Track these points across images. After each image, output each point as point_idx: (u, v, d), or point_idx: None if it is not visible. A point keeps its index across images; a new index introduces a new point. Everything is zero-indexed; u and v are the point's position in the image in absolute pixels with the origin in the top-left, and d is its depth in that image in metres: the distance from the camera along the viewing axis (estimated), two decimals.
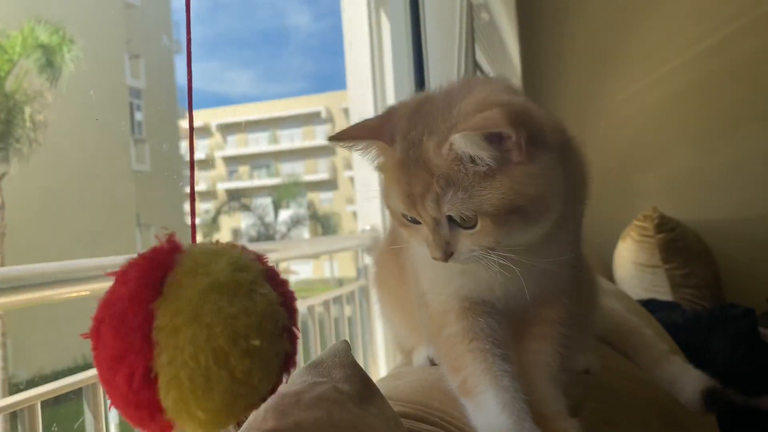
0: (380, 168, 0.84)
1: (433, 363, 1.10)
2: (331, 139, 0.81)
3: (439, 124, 0.77)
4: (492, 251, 0.76)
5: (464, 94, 0.80)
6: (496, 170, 0.73)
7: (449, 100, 0.80)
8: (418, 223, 0.80)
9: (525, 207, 0.74)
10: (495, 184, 0.73)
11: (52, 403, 1.05)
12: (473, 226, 0.76)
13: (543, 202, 0.76)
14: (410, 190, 0.77)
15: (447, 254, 0.78)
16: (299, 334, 0.57)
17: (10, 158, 8.96)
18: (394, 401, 0.86)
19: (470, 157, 0.73)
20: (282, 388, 0.66)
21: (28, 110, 8.95)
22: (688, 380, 1.25)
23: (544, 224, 0.78)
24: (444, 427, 0.82)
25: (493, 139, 0.72)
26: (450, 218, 0.76)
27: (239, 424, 0.57)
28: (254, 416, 0.61)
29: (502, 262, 0.77)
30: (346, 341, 0.77)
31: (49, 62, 8.92)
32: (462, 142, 0.72)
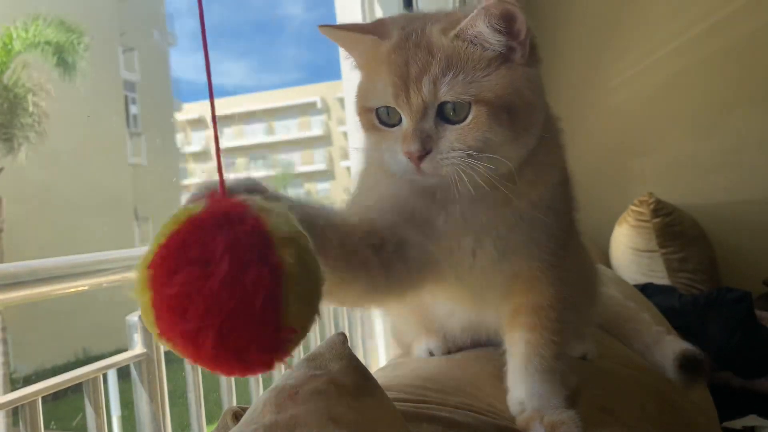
0: (363, 65, 0.84)
1: (432, 354, 1.11)
2: (324, 26, 0.81)
3: (441, 18, 0.79)
4: (472, 158, 0.74)
5: None
6: (500, 62, 0.75)
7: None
8: (393, 126, 0.79)
9: (518, 109, 0.76)
10: (499, 73, 0.75)
11: (50, 399, 1.06)
12: (463, 119, 0.75)
13: (533, 111, 0.78)
14: (405, 71, 0.76)
15: (424, 149, 0.75)
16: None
17: (6, 153, 8.94)
18: (393, 391, 0.86)
19: (481, 38, 0.75)
20: (279, 381, 0.66)
21: (29, 100, 8.91)
22: (668, 348, 1.26)
23: (526, 140, 0.79)
24: (441, 409, 0.83)
25: (505, 29, 0.75)
26: (439, 110, 0.76)
27: (237, 418, 0.58)
28: (252, 410, 0.62)
29: (477, 171, 0.74)
30: (343, 333, 0.77)
31: (61, 58, 8.87)
32: (481, 19, 0.74)
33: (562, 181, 0.89)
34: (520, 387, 0.86)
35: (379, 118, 0.80)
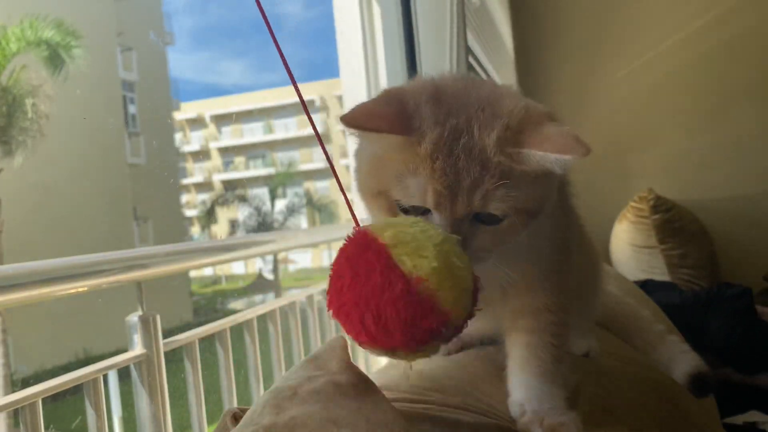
0: (382, 155, 0.78)
1: None
2: (346, 122, 0.75)
3: (488, 119, 0.74)
4: (498, 253, 0.76)
5: (488, 90, 0.79)
6: (544, 172, 0.74)
7: (478, 94, 0.77)
8: (420, 214, 0.76)
9: (538, 211, 0.77)
10: (541, 184, 0.75)
11: (50, 400, 1.06)
12: (495, 224, 0.74)
13: (545, 205, 0.78)
14: (454, 182, 0.72)
15: None
16: None
17: (4, 155, 8.94)
18: (392, 391, 0.86)
19: (540, 163, 0.72)
20: (279, 383, 0.66)
21: (29, 102, 8.90)
22: (680, 362, 1.26)
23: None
24: (442, 410, 0.82)
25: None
26: (476, 214, 0.75)
27: (236, 419, 0.58)
28: (252, 411, 0.62)
29: (498, 263, 0.77)
30: (342, 337, 0.76)
31: (53, 58, 8.86)
32: (543, 157, 0.72)
33: (560, 188, 0.89)
34: (520, 390, 0.85)
35: (401, 206, 0.77)
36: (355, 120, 0.75)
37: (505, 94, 0.78)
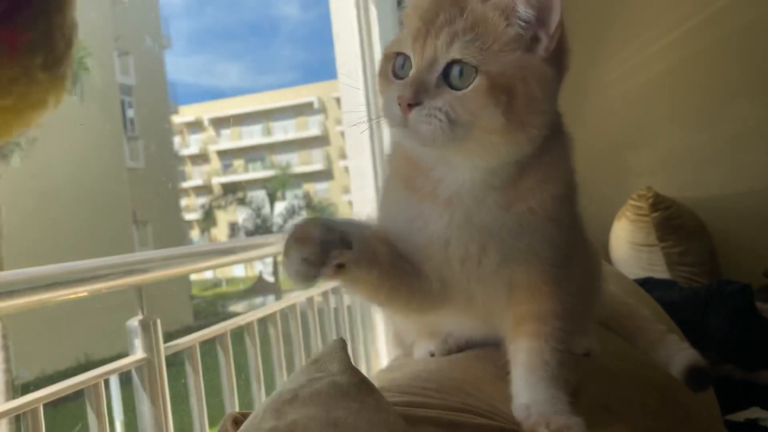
0: (407, 16, 0.84)
1: (433, 355, 1.10)
2: None
3: None
4: (455, 126, 0.76)
5: None
6: (521, 47, 0.76)
7: None
8: (402, 79, 0.80)
9: (519, 98, 0.76)
10: (515, 55, 0.76)
11: (51, 406, 1.05)
12: (464, 88, 0.76)
13: (535, 107, 0.78)
14: (432, 19, 0.77)
15: (416, 99, 0.76)
16: None
17: (2, 159, 8.92)
18: (393, 392, 0.86)
19: (511, 12, 0.76)
20: (280, 387, 0.66)
21: None
22: (679, 358, 1.27)
23: (520, 137, 0.78)
24: (442, 412, 0.82)
25: (537, 14, 0.76)
26: (446, 70, 0.76)
27: (237, 424, 0.58)
28: (253, 416, 0.61)
29: (456, 141, 0.77)
30: (342, 339, 0.77)
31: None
32: None
33: (567, 195, 0.89)
34: (526, 394, 0.85)
35: (393, 69, 0.82)
36: None
37: None
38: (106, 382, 1.19)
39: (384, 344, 2.19)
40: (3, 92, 0.54)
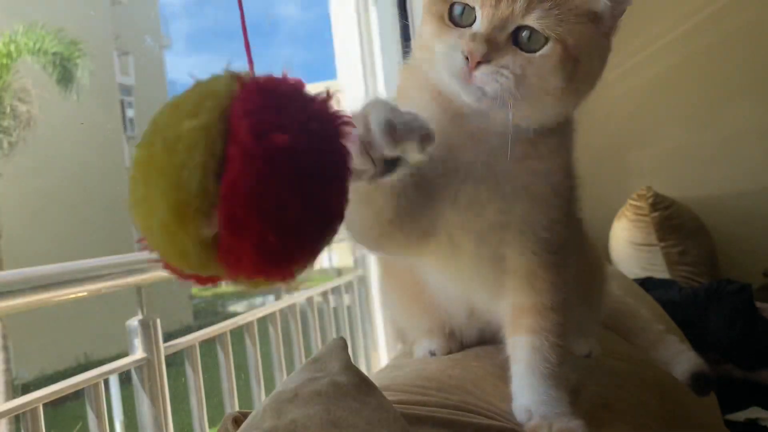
0: None
1: (433, 355, 1.10)
2: None
3: None
4: (522, 88, 0.74)
5: None
6: (592, 20, 0.77)
7: None
8: (462, 27, 0.76)
9: (583, 68, 0.77)
10: (587, 26, 0.77)
11: (51, 406, 1.05)
12: (532, 51, 0.74)
13: (589, 78, 0.81)
14: None
15: (487, 55, 0.73)
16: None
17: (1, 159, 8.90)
18: (393, 391, 0.86)
19: None
20: (280, 386, 0.66)
21: (8, 105, 8.84)
22: (681, 362, 1.26)
23: (567, 103, 0.81)
24: (443, 411, 0.82)
25: None
26: (515, 31, 0.75)
27: (237, 423, 0.58)
28: (253, 416, 0.61)
29: (519, 106, 0.75)
30: (342, 338, 0.76)
31: (63, 73, 8.81)
32: None
33: (569, 170, 0.89)
34: (527, 393, 0.84)
35: (450, 13, 0.78)
36: None
37: None
38: (106, 382, 1.19)
39: (384, 344, 2.19)
40: None
